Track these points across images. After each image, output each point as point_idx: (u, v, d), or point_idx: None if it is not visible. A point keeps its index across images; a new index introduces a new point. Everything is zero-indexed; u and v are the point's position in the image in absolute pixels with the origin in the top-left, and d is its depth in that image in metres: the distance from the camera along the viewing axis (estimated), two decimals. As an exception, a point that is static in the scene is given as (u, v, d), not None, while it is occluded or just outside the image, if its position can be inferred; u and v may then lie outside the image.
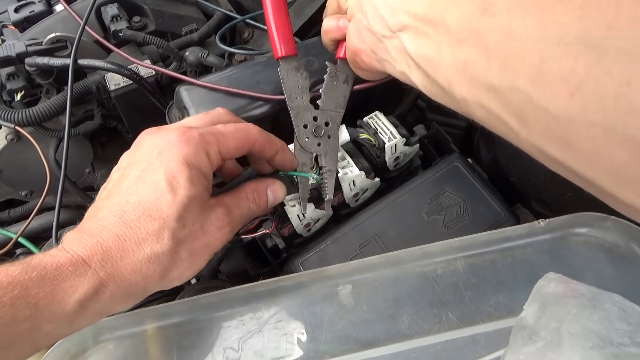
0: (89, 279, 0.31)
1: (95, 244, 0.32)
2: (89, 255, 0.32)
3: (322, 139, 0.45)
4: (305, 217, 0.46)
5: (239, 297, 0.40)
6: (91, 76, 0.64)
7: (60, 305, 0.30)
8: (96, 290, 0.31)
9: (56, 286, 0.30)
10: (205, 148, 0.36)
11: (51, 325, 0.30)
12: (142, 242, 0.33)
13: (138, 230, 0.33)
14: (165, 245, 0.33)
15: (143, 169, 0.35)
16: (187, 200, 0.34)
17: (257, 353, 0.38)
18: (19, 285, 0.29)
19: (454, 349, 0.37)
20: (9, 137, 0.62)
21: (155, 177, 0.34)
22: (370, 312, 0.39)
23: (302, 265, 0.45)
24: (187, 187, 0.34)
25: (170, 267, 0.34)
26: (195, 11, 0.77)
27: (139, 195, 0.34)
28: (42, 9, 0.70)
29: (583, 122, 0.22)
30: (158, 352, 0.39)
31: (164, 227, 0.33)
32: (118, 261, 0.32)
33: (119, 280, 0.32)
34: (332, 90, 0.47)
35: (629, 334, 0.34)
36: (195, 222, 0.35)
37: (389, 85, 0.60)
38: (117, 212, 0.34)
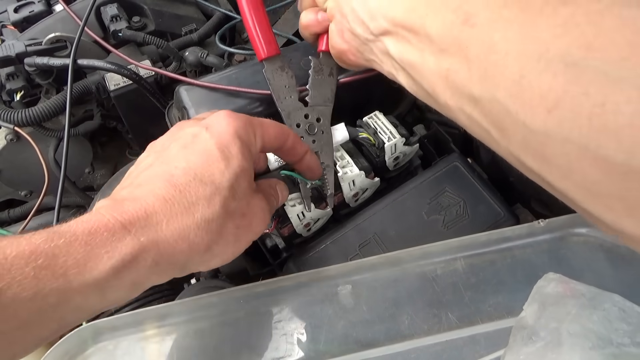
0: (127, 244, 0.28)
1: (138, 208, 0.30)
2: (129, 220, 0.29)
3: (317, 136, 0.45)
4: (305, 217, 0.46)
5: (239, 297, 0.40)
6: (91, 76, 0.64)
7: (92, 273, 0.27)
8: (135, 257, 0.28)
9: (89, 252, 0.27)
10: (253, 129, 0.36)
11: (80, 297, 0.27)
12: (192, 206, 0.31)
13: (189, 194, 0.31)
14: (216, 212, 0.31)
15: (190, 141, 0.34)
16: (240, 171, 0.33)
17: (257, 353, 0.38)
18: (43, 254, 0.26)
19: (453, 349, 0.37)
20: (8, 137, 0.62)
21: (206, 146, 0.33)
22: (370, 312, 0.39)
23: (302, 265, 0.45)
24: (239, 157, 0.33)
25: (217, 239, 0.32)
26: (195, 11, 0.77)
27: (188, 161, 0.32)
28: (42, 9, 0.70)
29: (558, 139, 0.23)
30: (158, 352, 0.39)
31: (216, 193, 0.32)
32: (164, 226, 0.30)
33: (162, 246, 0.29)
34: (319, 86, 0.46)
35: (629, 334, 0.34)
36: (243, 196, 0.34)
37: (388, 85, 0.60)
38: (165, 177, 0.31)
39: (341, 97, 0.55)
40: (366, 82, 0.56)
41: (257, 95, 0.50)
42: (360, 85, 0.56)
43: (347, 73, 0.50)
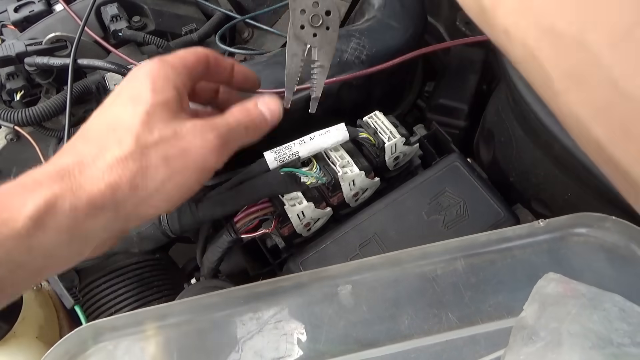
0: (39, 194, 0.29)
1: (49, 169, 0.30)
2: (41, 174, 0.30)
3: (320, 30, 0.40)
4: (305, 217, 0.46)
5: (239, 297, 0.40)
6: (91, 76, 0.64)
7: (9, 224, 0.28)
8: (51, 204, 0.29)
9: (2, 205, 0.28)
10: (168, 62, 0.35)
11: (3, 249, 0.28)
12: (102, 151, 0.31)
13: (99, 142, 0.32)
14: (127, 147, 0.31)
15: (114, 97, 0.35)
16: (151, 107, 0.32)
17: (257, 353, 0.38)
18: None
19: (453, 349, 0.37)
20: (8, 137, 0.62)
21: (122, 98, 0.34)
22: (370, 312, 0.39)
23: (302, 265, 0.45)
24: (150, 95, 0.33)
25: (141, 173, 0.31)
26: (195, 11, 0.77)
27: (104, 114, 0.34)
28: (42, 8, 0.70)
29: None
30: (158, 352, 0.39)
31: (127, 133, 0.31)
32: (76, 175, 0.30)
33: (77, 191, 0.30)
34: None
35: (629, 334, 0.34)
36: (166, 127, 0.32)
37: (389, 85, 0.60)
38: (80, 133, 0.33)
39: (341, 97, 0.55)
40: (366, 82, 0.56)
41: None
42: (361, 85, 0.56)
43: (347, 72, 0.50)
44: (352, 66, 0.53)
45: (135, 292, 0.54)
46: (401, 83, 0.65)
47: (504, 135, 0.53)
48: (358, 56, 0.53)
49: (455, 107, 0.61)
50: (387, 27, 0.57)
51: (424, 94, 0.67)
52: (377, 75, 0.53)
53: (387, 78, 0.58)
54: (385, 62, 0.52)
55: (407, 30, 0.57)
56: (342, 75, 0.50)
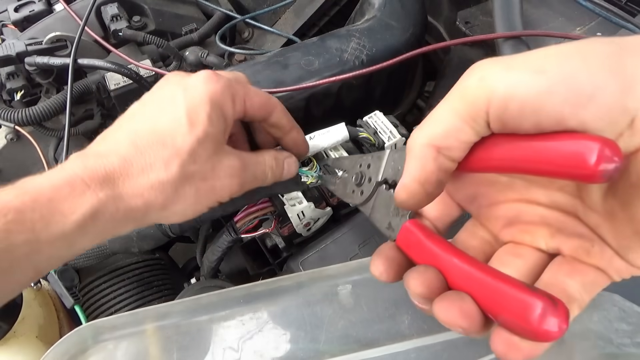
0: (87, 200, 0.30)
1: (98, 165, 0.32)
2: (89, 176, 0.31)
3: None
4: (305, 216, 0.46)
5: (239, 296, 0.40)
6: (91, 75, 0.64)
7: (58, 227, 0.29)
8: (95, 212, 0.31)
9: (53, 208, 0.29)
10: (232, 92, 0.36)
11: (51, 248, 0.30)
12: (149, 167, 0.32)
13: (147, 155, 0.33)
14: (171, 174, 0.33)
15: (166, 101, 0.35)
16: (203, 136, 0.34)
17: (256, 353, 0.38)
18: (12, 210, 0.28)
19: (453, 349, 0.37)
20: (8, 136, 0.62)
21: (176, 108, 0.34)
22: (370, 312, 0.39)
23: (301, 265, 0.45)
24: (205, 123, 0.34)
25: (173, 199, 0.33)
26: (195, 11, 0.77)
27: (156, 122, 0.34)
28: (42, 8, 0.70)
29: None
30: (158, 352, 0.39)
31: (175, 157, 0.33)
32: (120, 183, 0.32)
33: (119, 202, 0.32)
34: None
35: (629, 334, 0.34)
36: (207, 161, 0.34)
37: (389, 85, 0.60)
38: (130, 136, 0.33)
39: (341, 97, 0.55)
40: (366, 82, 0.56)
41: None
42: (361, 85, 0.56)
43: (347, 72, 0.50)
44: (352, 66, 0.53)
45: (135, 291, 0.54)
46: (401, 83, 0.65)
47: (504, 135, 0.53)
48: (358, 56, 0.53)
49: (455, 107, 0.61)
50: (387, 27, 0.57)
51: (424, 93, 0.68)
52: (377, 75, 0.53)
53: (387, 78, 0.58)
54: (385, 61, 0.52)
55: (407, 30, 0.57)
56: (342, 74, 0.50)
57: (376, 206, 0.33)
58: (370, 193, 0.33)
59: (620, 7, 0.53)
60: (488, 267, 0.25)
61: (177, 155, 0.33)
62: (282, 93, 0.50)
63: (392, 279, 0.29)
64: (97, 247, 0.50)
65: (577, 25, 0.54)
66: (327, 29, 0.74)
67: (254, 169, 0.38)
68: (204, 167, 0.34)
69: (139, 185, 0.32)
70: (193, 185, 0.34)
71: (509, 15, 0.48)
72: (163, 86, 0.37)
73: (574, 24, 0.54)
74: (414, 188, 0.26)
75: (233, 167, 0.36)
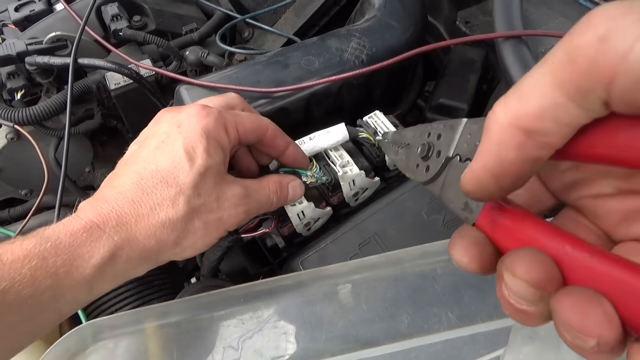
0: (104, 244, 0.32)
1: (110, 210, 0.33)
2: (103, 221, 0.32)
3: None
4: (305, 216, 0.46)
5: (239, 296, 0.40)
6: (91, 75, 0.64)
7: (79, 271, 0.31)
8: (112, 255, 0.32)
9: (72, 253, 0.31)
10: (223, 122, 0.37)
11: (72, 292, 0.31)
12: (157, 207, 0.34)
13: (154, 196, 0.34)
14: (180, 211, 0.34)
15: (162, 140, 0.36)
16: (204, 170, 0.35)
17: (256, 352, 0.38)
18: (35, 257, 0.29)
19: (453, 348, 0.37)
20: (8, 136, 0.62)
21: (174, 147, 0.35)
22: (370, 312, 0.39)
23: (301, 264, 0.46)
24: (204, 157, 0.35)
25: (184, 235, 0.35)
26: (196, 10, 0.77)
27: (157, 163, 0.35)
28: (43, 7, 0.70)
29: None
30: (158, 351, 0.39)
31: (180, 194, 0.34)
32: (132, 225, 0.33)
33: (133, 244, 0.33)
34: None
35: (628, 333, 0.34)
36: (210, 193, 0.35)
37: (389, 85, 0.60)
38: (135, 179, 0.34)
39: (341, 97, 0.55)
40: (367, 82, 0.56)
41: (257, 94, 0.50)
42: (361, 85, 0.56)
43: (347, 71, 0.50)
44: (352, 65, 0.53)
45: (135, 291, 0.54)
46: (401, 83, 0.65)
47: (504, 135, 0.53)
48: (358, 56, 0.54)
49: (455, 106, 0.61)
50: (387, 26, 0.57)
51: (424, 93, 0.68)
52: (377, 74, 0.53)
53: (387, 78, 0.58)
54: (386, 61, 0.52)
55: (407, 30, 0.57)
56: (342, 74, 0.50)
57: (448, 183, 0.27)
58: (438, 169, 0.27)
59: (620, 7, 0.53)
60: (627, 262, 0.19)
61: (182, 192, 0.34)
62: (282, 92, 0.50)
63: (481, 269, 0.23)
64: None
65: (577, 25, 0.54)
66: (328, 28, 0.74)
67: (257, 196, 0.39)
68: (209, 199, 0.35)
69: (150, 225, 0.33)
70: (201, 219, 0.35)
71: (509, 14, 0.48)
72: (157, 125, 0.38)
73: (573, 23, 0.54)
74: (485, 181, 0.20)
75: (237, 196, 0.37)
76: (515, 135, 0.19)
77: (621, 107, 0.17)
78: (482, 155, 0.20)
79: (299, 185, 0.43)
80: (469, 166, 0.21)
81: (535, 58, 0.48)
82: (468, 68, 0.63)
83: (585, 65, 0.17)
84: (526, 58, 0.45)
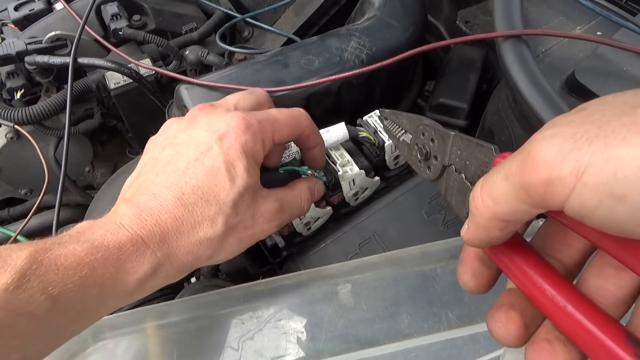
0: (148, 260, 0.33)
1: (154, 224, 0.34)
2: (148, 236, 0.33)
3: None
4: (305, 216, 0.46)
5: (239, 296, 0.40)
6: (91, 75, 0.64)
7: (123, 284, 0.32)
8: (154, 271, 0.33)
9: (119, 267, 0.32)
10: (262, 137, 0.37)
11: (114, 301, 0.33)
12: (197, 226, 0.34)
13: (195, 213, 0.34)
14: (218, 231, 0.35)
15: (202, 152, 0.36)
16: (243, 190, 0.35)
17: (256, 352, 0.38)
18: (86, 267, 0.31)
19: (453, 348, 0.37)
20: (8, 135, 0.62)
21: (214, 163, 0.35)
22: (370, 311, 0.39)
23: (301, 264, 0.45)
24: (244, 176, 0.35)
25: (219, 250, 0.36)
26: (195, 10, 0.77)
27: (198, 178, 0.35)
28: (42, 7, 0.70)
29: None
30: (158, 350, 0.39)
31: (220, 213, 0.35)
32: (174, 242, 0.34)
33: (173, 260, 0.34)
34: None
35: (628, 333, 0.34)
36: (247, 210, 0.36)
37: (389, 84, 0.60)
38: (176, 193, 0.35)
39: (342, 96, 0.55)
40: (367, 81, 0.56)
41: (258, 94, 0.50)
42: (361, 84, 0.56)
43: (347, 71, 0.50)
44: (352, 65, 0.53)
45: (135, 290, 0.54)
46: (401, 82, 0.65)
47: (504, 134, 0.53)
48: (358, 55, 0.53)
49: (455, 106, 0.61)
50: (387, 26, 0.57)
51: (424, 93, 0.68)
52: (377, 74, 0.53)
53: (387, 77, 0.58)
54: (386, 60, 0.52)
55: (407, 29, 0.57)
56: (342, 74, 0.50)
57: (449, 189, 0.31)
58: (438, 173, 0.32)
59: (620, 7, 0.53)
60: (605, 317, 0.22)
61: (222, 211, 0.35)
62: (282, 92, 0.50)
63: (484, 291, 0.29)
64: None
65: (577, 24, 0.54)
66: (327, 28, 0.74)
67: (291, 208, 0.40)
68: (245, 217, 0.36)
69: (189, 243, 0.34)
70: (237, 236, 0.36)
71: (509, 14, 0.48)
72: (193, 128, 0.38)
73: (574, 23, 0.54)
74: (478, 243, 0.26)
75: (271, 212, 0.38)
76: (497, 224, 0.24)
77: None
78: (473, 232, 0.25)
79: (322, 187, 0.44)
80: (464, 227, 0.26)
81: (536, 58, 0.48)
82: (468, 67, 0.63)
83: (539, 197, 0.21)
84: (526, 57, 0.45)
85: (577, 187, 0.19)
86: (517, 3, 0.48)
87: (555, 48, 0.52)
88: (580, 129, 0.20)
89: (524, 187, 0.21)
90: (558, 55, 0.51)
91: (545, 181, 0.20)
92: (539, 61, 0.50)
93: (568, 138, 0.20)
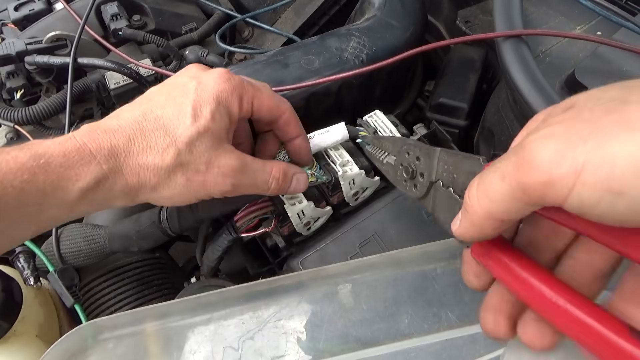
0: (92, 170, 0.33)
1: (105, 139, 0.34)
2: (97, 148, 0.34)
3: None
4: (305, 216, 0.46)
5: (239, 296, 0.40)
6: (91, 75, 0.64)
7: (64, 191, 0.33)
8: (97, 182, 0.34)
9: (61, 174, 0.32)
10: (240, 92, 0.38)
11: (54, 209, 0.33)
12: (148, 150, 0.35)
13: (149, 139, 0.35)
14: (166, 161, 0.35)
15: (179, 91, 0.37)
16: (203, 130, 0.36)
17: (256, 352, 0.38)
18: (27, 172, 0.31)
19: (453, 348, 0.37)
20: (8, 135, 0.62)
21: (184, 100, 0.36)
22: (370, 311, 0.39)
23: (301, 264, 0.46)
24: (207, 118, 0.36)
25: (164, 183, 0.36)
26: (195, 10, 0.77)
27: (163, 110, 0.36)
28: (42, 7, 0.70)
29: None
30: (158, 351, 0.39)
31: (172, 145, 0.35)
32: (121, 159, 0.35)
33: (117, 177, 0.35)
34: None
35: (628, 333, 0.33)
36: (203, 154, 0.36)
37: (389, 84, 0.60)
38: (138, 118, 0.36)
39: (342, 96, 0.55)
40: (367, 81, 0.56)
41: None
42: (361, 84, 0.56)
43: (347, 71, 0.50)
44: (352, 65, 0.53)
45: (135, 290, 0.54)
46: (401, 82, 0.65)
47: (504, 134, 0.53)
48: (358, 55, 0.53)
49: (455, 106, 0.61)
50: (387, 26, 0.57)
51: (424, 93, 0.68)
52: (377, 74, 0.53)
53: (387, 77, 0.58)
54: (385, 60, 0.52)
55: (407, 29, 0.57)
56: (342, 73, 0.50)
57: (438, 205, 0.31)
58: (425, 190, 0.32)
59: (620, 6, 0.53)
60: (593, 306, 0.23)
61: (175, 144, 0.35)
62: (282, 92, 0.50)
63: (489, 288, 0.29)
64: (97, 246, 0.50)
65: (577, 24, 0.54)
66: (327, 28, 0.74)
67: (254, 176, 0.39)
68: (199, 159, 0.36)
69: (136, 164, 0.35)
70: (184, 175, 0.36)
71: (509, 14, 0.48)
72: (181, 75, 0.39)
73: (574, 22, 0.54)
74: (469, 238, 0.26)
75: (229, 167, 0.37)
76: (492, 222, 0.24)
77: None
78: (466, 228, 0.25)
79: (305, 180, 0.43)
80: (456, 225, 0.26)
81: (536, 57, 0.48)
82: (468, 67, 0.63)
83: (537, 197, 0.21)
84: (526, 57, 0.45)
85: (576, 186, 0.20)
86: (517, 3, 0.48)
87: (555, 48, 0.52)
88: (573, 128, 0.20)
89: (521, 188, 0.22)
90: (558, 55, 0.51)
91: (544, 182, 0.20)
92: (539, 61, 0.50)
93: (562, 138, 0.20)
